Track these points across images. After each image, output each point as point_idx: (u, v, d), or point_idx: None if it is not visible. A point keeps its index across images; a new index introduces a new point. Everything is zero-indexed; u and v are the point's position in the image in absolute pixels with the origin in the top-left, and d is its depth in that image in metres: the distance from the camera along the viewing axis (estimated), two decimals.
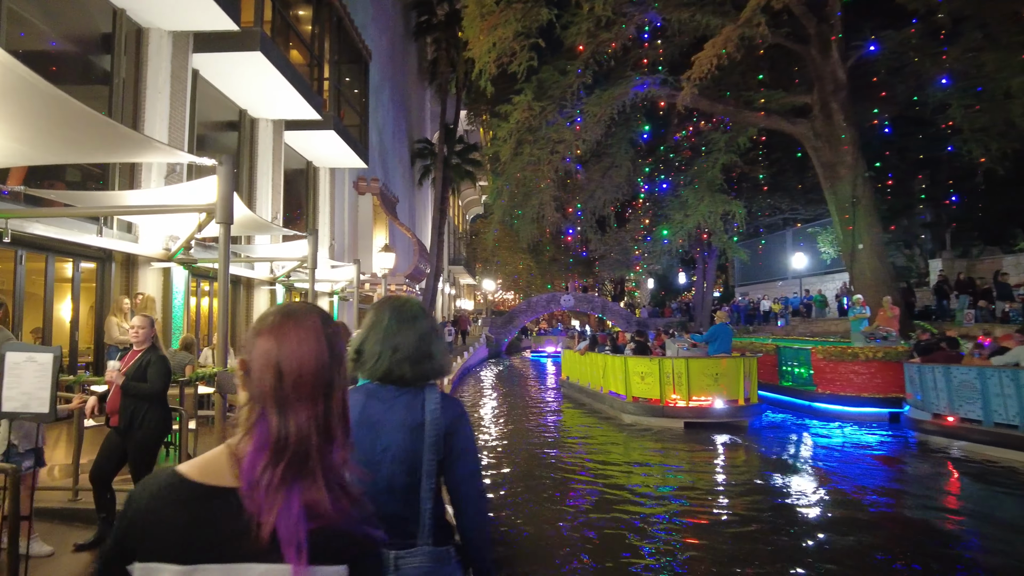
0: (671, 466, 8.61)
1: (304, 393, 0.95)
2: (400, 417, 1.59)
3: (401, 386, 1.63)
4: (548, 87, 19.76)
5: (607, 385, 13.09)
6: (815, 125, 17.36)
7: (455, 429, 1.61)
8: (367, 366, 1.63)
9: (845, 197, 16.80)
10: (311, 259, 8.69)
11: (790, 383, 11.90)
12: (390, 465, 1.56)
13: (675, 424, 10.82)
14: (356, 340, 1.66)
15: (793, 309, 23.80)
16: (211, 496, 0.92)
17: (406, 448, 1.57)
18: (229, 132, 12.30)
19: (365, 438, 1.56)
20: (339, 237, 17.45)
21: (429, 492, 1.57)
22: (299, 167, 15.84)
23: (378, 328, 1.65)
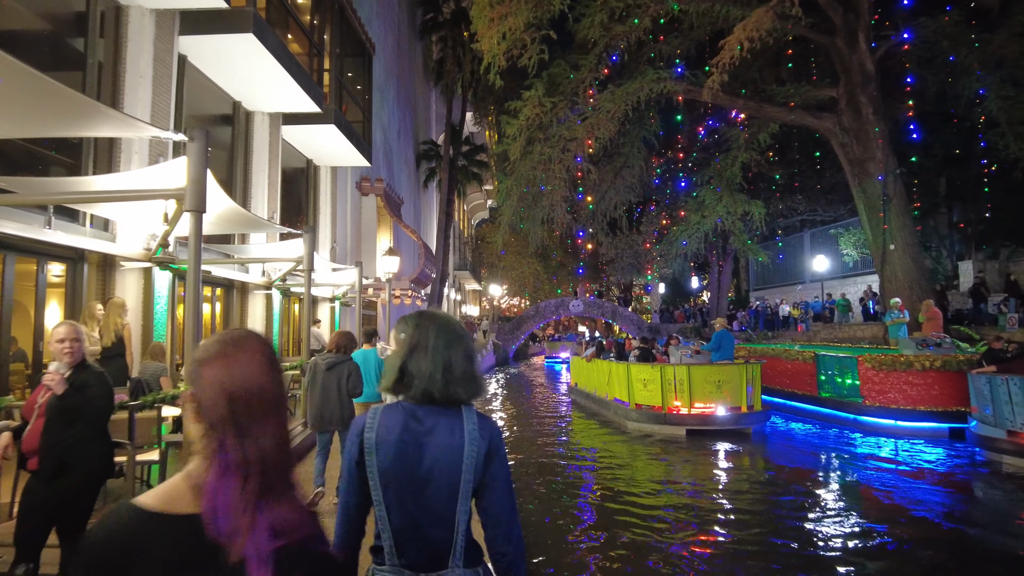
0: (669, 476, 8.60)
1: (258, 415, 1.00)
2: (443, 438, 1.55)
3: (441, 406, 1.59)
4: (559, 83, 18.96)
5: (612, 392, 12.87)
6: (842, 120, 16.46)
7: (494, 450, 1.59)
8: (415, 386, 1.58)
9: (875, 195, 15.88)
10: (307, 259, 7.83)
11: (831, 394, 10.96)
12: (434, 486, 1.53)
13: (677, 431, 10.73)
14: (398, 357, 1.61)
15: (815, 314, 22.79)
16: (177, 524, 0.94)
17: (449, 469, 1.54)
18: (222, 127, 11.48)
19: (408, 458, 1.53)
20: (341, 240, 16.62)
21: (465, 514, 1.55)
22: (299, 165, 15.04)
23: (425, 346, 1.59)
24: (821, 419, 11.18)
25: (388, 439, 1.54)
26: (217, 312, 11.25)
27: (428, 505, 1.52)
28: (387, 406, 1.61)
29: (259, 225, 7.63)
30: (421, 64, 31.10)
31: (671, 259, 24.56)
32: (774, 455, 9.44)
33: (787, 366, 12.09)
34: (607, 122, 18.55)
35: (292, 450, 1.04)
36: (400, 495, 1.52)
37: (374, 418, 1.58)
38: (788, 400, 12.19)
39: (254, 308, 11.66)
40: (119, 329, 5.44)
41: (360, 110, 15.96)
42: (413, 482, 1.52)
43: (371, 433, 1.55)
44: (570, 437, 12.09)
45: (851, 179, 16.62)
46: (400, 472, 1.52)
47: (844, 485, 7.93)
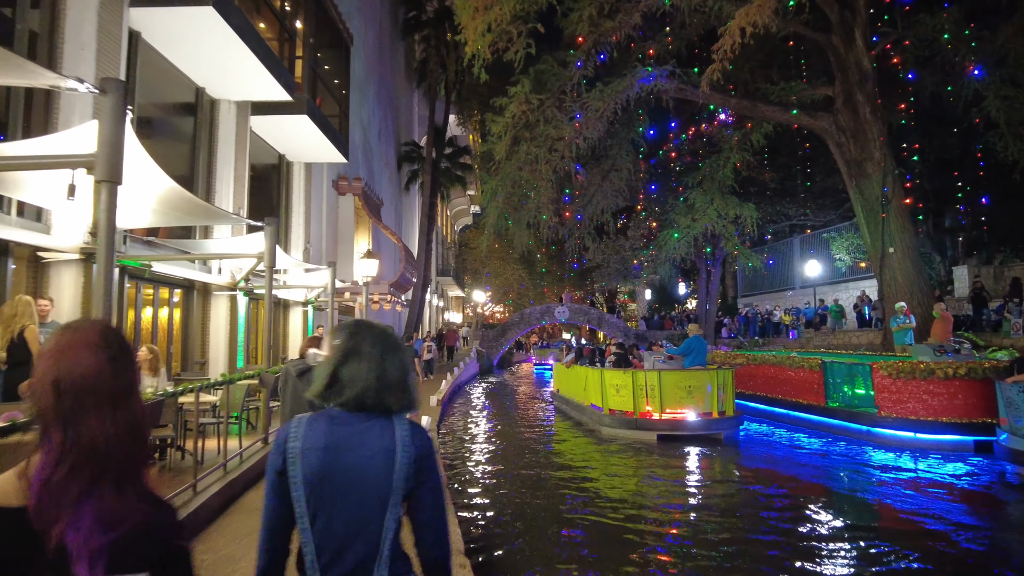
0: (629, 479, 8.56)
1: (89, 404, 0.99)
2: (373, 444, 1.51)
3: (371, 414, 1.55)
4: (547, 80, 18.25)
5: (588, 398, 12.92)
6: (839, 119, 15.93)
7: (425, 456, 1.56)
8: (346, 393, 1.54)
9: (873, 196, 15.34)
10: (268, 254, 6.96)
11: (839, 404, 10.27)
12: (362, 494, 1.48)
13: (648, 436, 10.77)
14: (330, 364, 1.57)
15: (806, 320, 22.26)
16: (1, 516, 0.94)
17: (379, 476, 1.49)
18: (184, 116, 10.56)
19: (335, 466, 1.48)
20: (316, 241, 15.69)
21: (394, 522, 1.50)
22: (270, 161, 14.12)
23: (359, 354, 1.56)
24: (829, 431, 10.46)
25: (314, 447, 1.49)
26: (176, 317, 10.28)
27: (355, 514, 1.47)
28: (313, 415, 1.56)
29: (213, 215, 6.74)
30: (403, 64, 30.28)
31: (659, 264, 23.93)
32: (743, 460, 9.43)
33: (790, 374, 11.41)
34: (595, 121, 17.90)
35: (142, 440, 1.04)
36: (326, 505, 1.46)
37: (299, 427, 1.53)
38: (791, 411, 11.50)
39: (217, 312, 10.70)
40: (14, 332, 4.53)
41: (337, 104, 15.10)
42: (340, 491, 1.47)
43: (296, 442, 1.50)
44: (544, 441, 12.13)
45: (848, 180, 16.08)
46: (327, 481, 1.47)
47: (833, 493, 7.69)
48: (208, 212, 6.43)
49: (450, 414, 15.50)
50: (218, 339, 10.70)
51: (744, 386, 13.14)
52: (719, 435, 10.71)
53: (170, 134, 10.30)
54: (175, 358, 10.06)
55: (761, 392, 12.48)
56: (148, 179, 4.88)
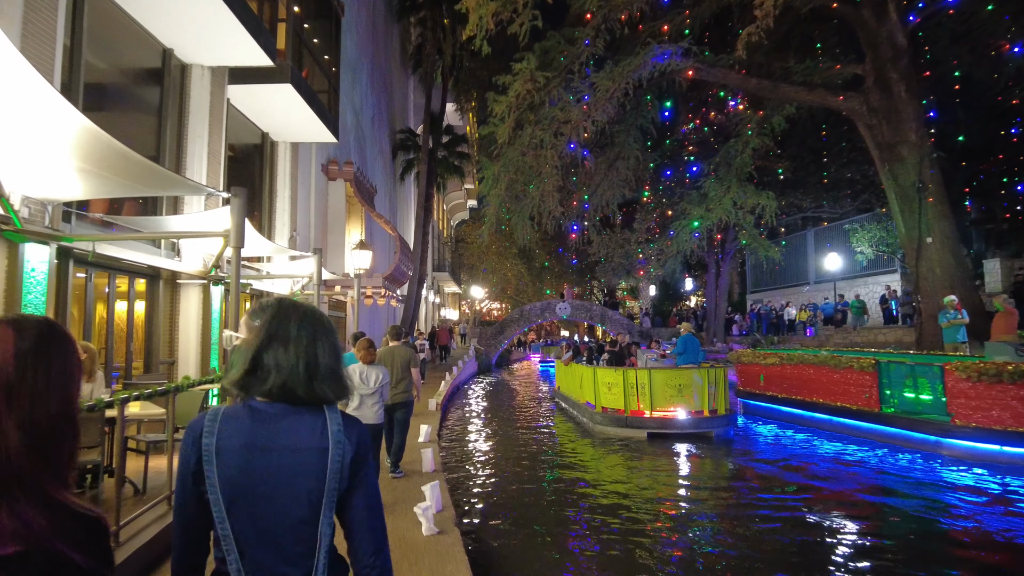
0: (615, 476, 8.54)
1: None
2: (302, 441, 1.33)
3: (299, 406, 1.37)
4: (553, 58, 17.02)
5: (584, 396, 12.94)
6: (870, 99, 14.75)
7: (361, 454, 1.40)
8: (270, 381, 1.35)
9: (908, 182, 14.16)
10: (235, 233, 5.68)
11: (897, 410, 9.05)
12: (290, 497, 1.30)
13: (639, 434, 10.84)
14: (250, 348, 1.36)
15: (825, 316, 21.08)
16: None
17: (309, 477, 1.31)
18: (148, 83, 9.23)
19: (258, 466, 1.29)
20: (303, 229, 14.40)
21: (328, 526, 1.34)
22: (252, 140, 12.82)
23: (286, 336, 1.37)
24: (885, 440, 9.25)
25: (232, 444, 1.30)
26: (138, 310, 8.98)
27: (283, 520, 1.30)
28: (230, 407, 1.38)
29: (164, 182, 5.41)
30: (398, 50, 28.94)
31: (669, 258, 22.70)
32: (733, 459, 9.37)
33: (834, 376, 10.20)
34: (605, 103, 16.66)
35: (51, 447, 0.94)
36: (249, 510, 1.28)
37: (214, 421, 1.33)
38: (834, 416, 10.29)
39: (187, 305, 9.40)
40: None
41: (326, 79, 13.79)
42: (265, 494, 1.29)
43: (210, 438, 1.30)
44: (541, 440, 12.02)
45: (880, 165, 14.90)
46: (248, 483, 1.28)
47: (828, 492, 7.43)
48: (157, 178, 5.12)
49: (449, 417, 14.28)
50: (188, 336, 9.40)
51: (776, 388, 11.96)
52: (709, 433, 10.73)
53: (130, 103, 8.96)
54: (137, 357, 8.77)
55: (796, 395, 11.28)
56: (58, 121, 3.60)
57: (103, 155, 4.30)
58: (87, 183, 5.03)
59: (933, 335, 13.58)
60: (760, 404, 12.58)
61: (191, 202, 9.19)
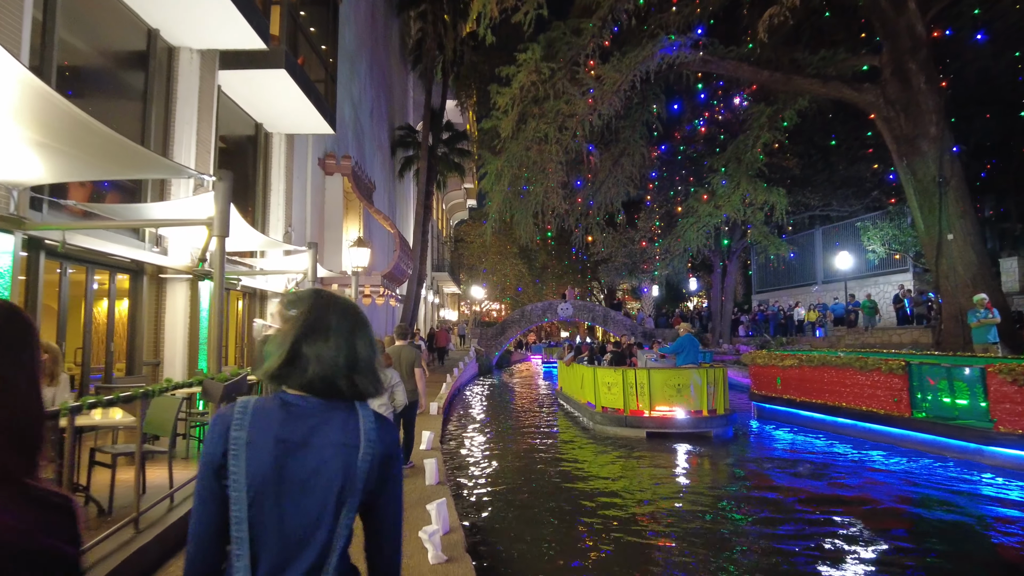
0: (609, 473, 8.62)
1: None
2: (334, 438, 1.27)
3: (333, 400, 1.31)
4: (558, 49, 16.45)
5: (585, 396, 12.99)
6: (887, 91, 14.22)
7: (392, 456, 1.33)
8: (310, 371, 1.28)
9: (928, 177, 13.64)
10: (218, 220, 5.13)
11: (929, 415, 8.49)
12: (316, 496, 1.23)
13: (638, 434, 10.88)
14: (288, 337, 1.30)
15: (835, 317, 20.54)
16: None
17: (338, 474, 1.24)
18: (132, 67, 8.65)
19: (287, 460, 1.23)
20: (299, 225, 13.83)
21: (346, 528, 1.25)
22: (245, 132, 12.26)
23: (327, 327, 1.32)
24: (916, 447, 8.69)
25: (264, 438, 1.23)
26: (120, 308, 8.41)
27: (305, 521, 1.22)
28: (261, 398, 1.31)
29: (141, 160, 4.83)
30: (398, 45, 28.38)
31: (675, 257, 22.14)
32: (731, 459, 9.32)
33: (859, 379, 9.64)
34: (611, 96, 16.10)
35: (24, 436, 0.92)
36: (273, 510, 1.20)
37: (244, 413, 1.26)
38: (860, 422, 9.73)
39: (173, 301, 8.83)
40: None
41: (323, 68, 13.23)
42: (293, 493, 1.22)
43: (241, 431, 1.23)
44: (543, 439, 11.88)
45: (897, 159, 14.38)
46: (277, 479, 1.21)
47: None
48: (129, 156, 4.54)
49: (452, 421, 13.71)
50: (175, 335, 8.84)
51: (794, 391, 11.39)
52: (708, 433, 10.72)
53: (111, 88, 8.39)
54: (119, 359, 8.19)
55: (817, 399, 10.71)
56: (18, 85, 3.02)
57: (62, 125, 3.72)
58: (49, 162, 4.45)
59: (955, 336, 13.06)
60: (777, 408, 12.02)
61: (177, 191, 8.63)
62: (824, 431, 10.58)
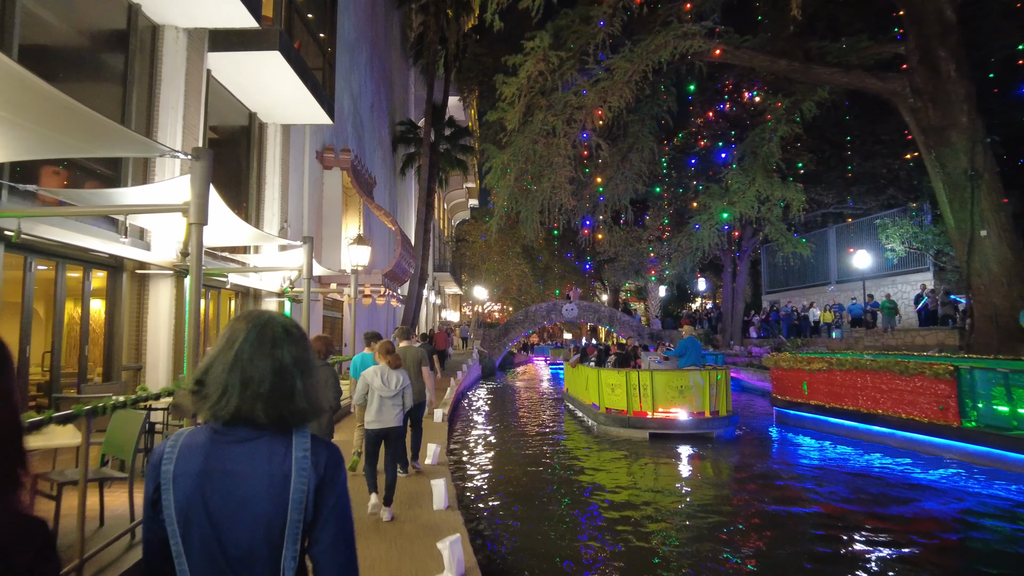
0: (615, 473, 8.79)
1: None
2: (261, 466, 1.22)
3: (255, 428, 1.25)
4: (567, 38, 15.78)
5: (589, 397, 13.13)
6: (914, 80, 13.52)
7: (327, 481, 1.26)
8: (210, 401, 1.24)
9: (958, 170, 12.93)
10: (194, 207, 4.45)
11: (981, 425, 7.77)
12: (250, 529, 1.19)
13: (641, 435, 11.04)
14: (201, 367, 1.29)
15: (853, 318, 19.82)
16: None
17: (269, 504, 1.21)
18: (112, 47, 7.95)
19: (214, 494, 1.20)
20: (295, 221, 13.13)
21: (292, 562, 1.21)
22: (238, 122, 11.56)
23: (227, 353, 1.27)
24: (966, 459, 7.97)
25: (189, 470, 1.21)
26: (96, 308, 7.71)
27: (242, 555, 1.19)
28: (192, 429, 1.29)
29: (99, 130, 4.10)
30: (399, 39, 27.69)
31: (687, 255, 21.42)
32: (733, 459, 9.49)
33: (898, 384, 8.93)
34: (622, 87, 15.42)
35: None
36: (205, 542, 1.18)
37: (174, 445, 1.25)
38: (899, 430, 9.02)
39: (156, 301, 8.12)
40: None
41: (321, 56, 12.54)
42: (220, 525, 1.19)
43: (168, 465, 1.22)
44: (549, 440, 12.03)
45: (925, 151, 13.67)
46: (202, 512, 1.19)
47: None
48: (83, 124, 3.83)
49: (457, 428, 13.02)
50: (158, 337, 8.13)
51: (822, 397, 10.69)
52: (710, 434, 10.86)
53: (86, 68, 7.69)
54: (94, 363, 7.48)
55: (849, 405, 10.00)
56: None
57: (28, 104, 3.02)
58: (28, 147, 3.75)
59: (989, 337, 12.35)
60: (803, 415, 11.32)
61: (162, 178, 7.92)
62: (857, 440, 9.89)
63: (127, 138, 4.24)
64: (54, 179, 6.87)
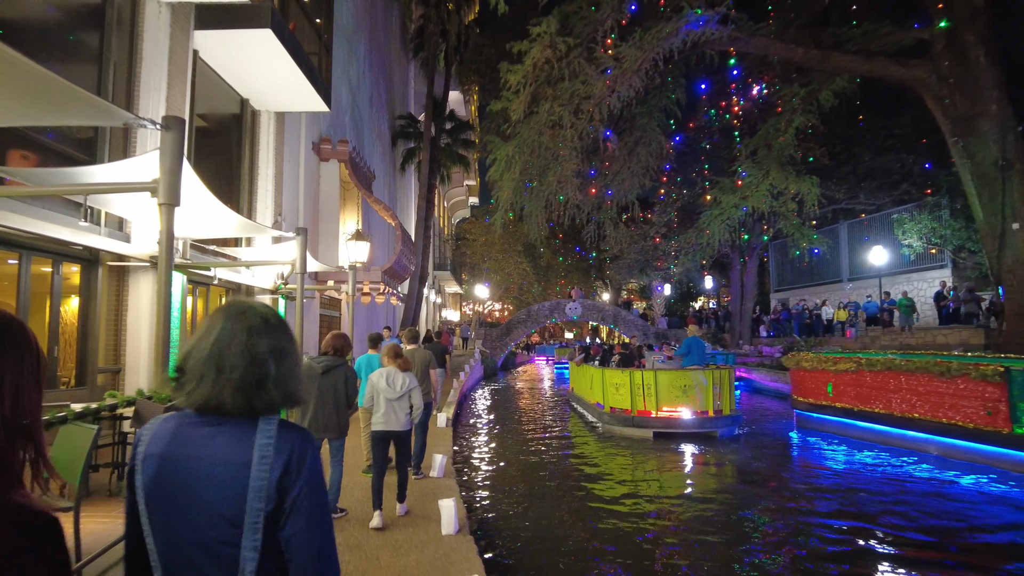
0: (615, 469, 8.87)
1: None
2: (218, 454, 1.20)
3: (220, 415, 1.23)
4: (574, 24, 15.14)
5: (594, 396, 13.20)
6: (939, 67, 12.90)
7: (294, 470, 1.20)
8: (186, 389, 1.24)
9: (988, 160, 12.32)
10: (164, 185, 3.82)
11: None
12: (208, 511, 1.17)
13: (645, 433, 11.10)
14: (181, 354, 1.28)
15: (868, 316, 19.18)
16: None
17: (228, 491, 1.17)
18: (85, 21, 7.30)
19: (175, 478, 1.19)
20: (290, 214, 12.48)
21: (252, 551, 1.16)
22: (229, 109, 10.91)
23: (205, 341, 1.25)
24: (1019, 469, 7.36)
25: (155, 452, 1.22)
26: (68, 305, 7.06)
27: (198, 539, 1.17)
28: (168, 414, 1.30)
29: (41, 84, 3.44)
30: (398, 32, 27.05)
31: (696, 253, 20.78)
32: (736, 459, 9.47)
33: (938, 386, 8.31)
34: (632, 75, 14.78)
35: None
36: (167, 524, 1.18)
37: (151, 428, 1.26)
38: (936, 435, 8.39)
39: (136, 297, 7.48)
40: None
41: (317, 39, 11.89)
42: (181, 508, 1.18)
43: (142, 447, 1.23)
44: (554, 439, 11.96)
45: (951, 141, 13.04)
46: (166, 495, 1.19)
47: None
48: (23, 81, 3.19)
49: (461, 432, 12.38)
50: (139, 337, 7.49)
51: (850, 399, 10.05)
52: (714, 433, 10.92)
53: (57, 45, 7.03)
54: (64, 365, 6.83)
55: (880, 408, 9.36)
56: None
57: None
58: None
59: (1022, 336, 11.73)
60: (827, 418, 10.69)
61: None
62: (888, 446, 9.25)
63: (81, 101, 3.59)
64: (22, 164, 6.23)
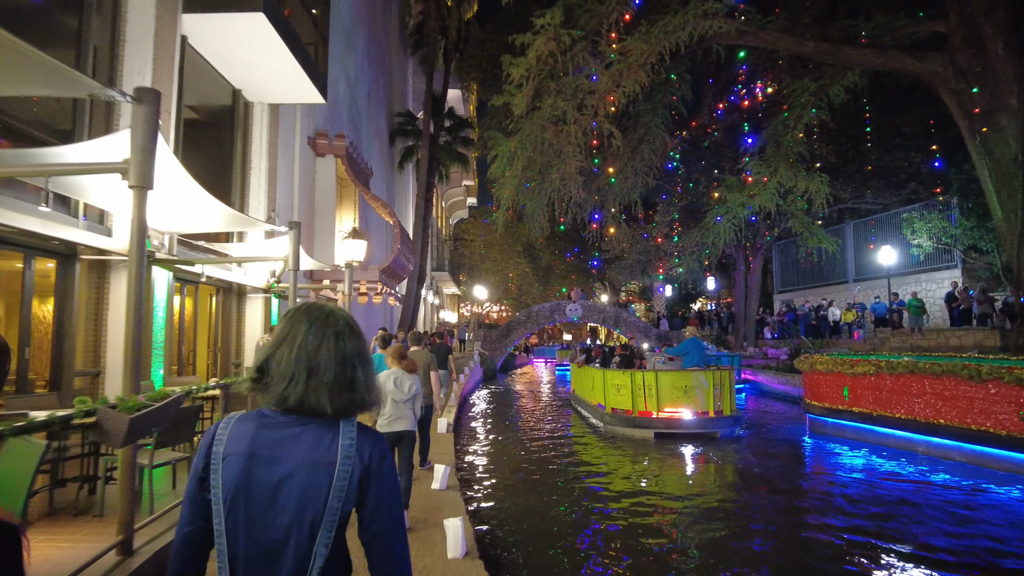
0: None
1: None
2: (306, 452, 1.23)
3: (308, 416, 1.27)
4: (579, 17, 14.71)
5: (595, 397, 13.24)
6: (956, 59, 12.51)
7: (374, 470, 1.27)
8: (273, 388, 1.27)
9: (1007, 155, 11.93)
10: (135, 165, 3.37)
11: None
12: (289, 513, 1.20)
13: (646, 434, 11.14)
14: (261, 354, 1.32)
15: (877, 317, 18.78)
16: None
17: (311, 492, 1.21)
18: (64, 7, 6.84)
19: (258, 475, 1.22)
20: (284, 211, 12.02)
21: (324, 548, 1.21)
22: (221, 100, 10.45)
23: (291, 342, 1.29)
24: None
25: (237, 452, 1.24)
26: (41, 303, 6.60)
27: (278, 537, 1.20)
28: (243, 414, 1.32)
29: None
30: (397, 28, 26.63)
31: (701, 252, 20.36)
32: (737, 459, 9.51)
33: (966, 390, 7.88)
34: (637, 70, 14.37)
35: None
36: (246, 523, 1.21)
37: (226, 427, 1.29)
38: (965, 443, 7.97)
39: (116, 295, 7.01)
40: None
41: (314, 27, 11.45)
42: (262, 507, 1.21)
43: (219, 446, 1.26)
44: (556, 440, 11.93)
45: (969, 137, 12.64)
46: (246, 492, 1.22)
47: None
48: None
49: (462, 438, 11.94)
50: (121, 337, 6.98)
51: (868, 404, 9.63)
52: (715, 433, 11.00)
53: (31, 27, 6.57)
54: (36, 368, 6.36)
55: (901, 414, 8.94)
56: None
57: None
58: None
59: None
60: (843, 423, 10.26)
61: None
62: (910, 452, 8.83)
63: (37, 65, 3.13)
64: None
